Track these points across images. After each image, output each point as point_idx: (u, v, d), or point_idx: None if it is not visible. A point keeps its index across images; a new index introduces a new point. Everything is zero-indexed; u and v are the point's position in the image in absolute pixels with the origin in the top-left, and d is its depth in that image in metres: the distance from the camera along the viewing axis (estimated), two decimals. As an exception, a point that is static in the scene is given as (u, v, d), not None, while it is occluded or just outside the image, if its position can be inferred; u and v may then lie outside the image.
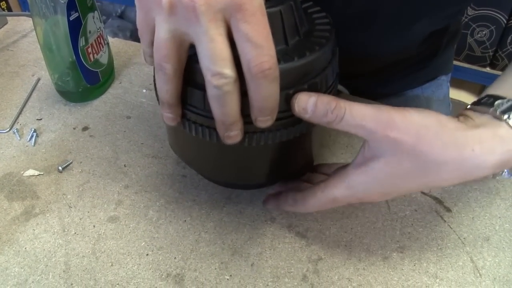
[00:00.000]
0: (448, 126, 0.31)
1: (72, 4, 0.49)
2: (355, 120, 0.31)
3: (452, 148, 0.30)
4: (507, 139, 0.31)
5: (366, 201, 0.35)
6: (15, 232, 0.42)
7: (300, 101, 0.31)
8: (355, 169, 0.33)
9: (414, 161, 0.30)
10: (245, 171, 0.38)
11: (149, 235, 0.42)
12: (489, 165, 0.30)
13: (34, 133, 0.52)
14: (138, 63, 0.62)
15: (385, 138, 0.30)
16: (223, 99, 0.28)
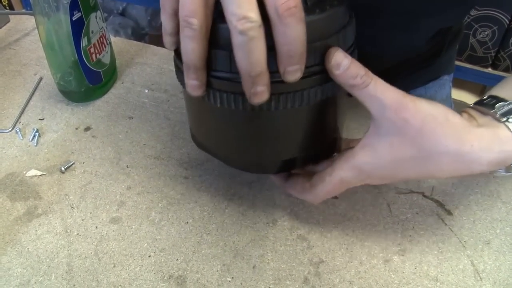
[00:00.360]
0: (453, 121, 0.32)
1: (75, 4, 0.49)
2: (376, 92, 0.32)
3: (453, 140, 0.32)
4: (504, 140, 0.33)
5: (369, 183, 0.36)
6: (17, 232, 0.43)
7: (337, 56, 0.31)
8: (360, 149, 0.34)
9: (416, 146, 0.32)
10: (273, 145, 0.36)
11: (151, 236, 0.42)
12: (485, 162, 0.32)
13: (37, 133, 0.52)
14: (141, 62, 0.62)
15: (395, 116, 0.32)
16: (249, 46, 0.27)
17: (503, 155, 0.33)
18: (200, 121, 0.39)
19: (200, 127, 0.40)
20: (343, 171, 0.35)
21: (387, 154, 0.33)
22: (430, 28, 0.55)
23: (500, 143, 0.32)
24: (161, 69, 0.61)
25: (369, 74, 0.32)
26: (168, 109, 0.55)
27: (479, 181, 0.46)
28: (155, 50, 0.64)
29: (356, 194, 0.45)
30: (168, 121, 0.53)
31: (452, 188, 0.45)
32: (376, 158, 0.33)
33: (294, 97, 0.32)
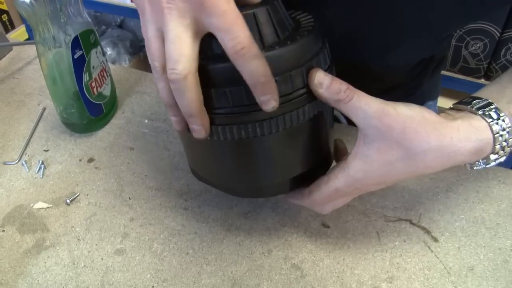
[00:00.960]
0: (429, 118, 0.36)
1: (76, 42, 0.51)
2: (360, 103, 0.35)
3: (433, 137, 0.35)
4: (480, 130, 0.36)
5: (364, 190, 0.39)
6: (27, 264, 0.45)
7: (318, 76, 0.34)
8: (352, 159, 0.37)
9: (402, 147, 0.35)
10: (267, 167, 0.38)
11: (154, 267, 0.44)
12: (465, 152, 0.36)
13: (42, 165, 0.54)
14: (140, 91, 0.64)
15: (379, 123, 0.35)
16: (178, 93, 0.32)
17: (480, 144, 0.36)
18: (198, 156, 0.41)
19: (197, 161, 0.42)
20: (338, 181, 0.38)
21: (377, 159, 0.36)
22: (410, 58, 0.57)
23: (476, 133, 0.36)
24: (160, 98, 0.63)
25: (351, 88, 0.36)
26: (168, 139, 0.57)
27: (464, 207, 0.48)
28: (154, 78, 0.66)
29: (347, 223, 0.47)
30: (167, 151, 0.55)
31: (438, 214, 0.48)
32: (367, 165, 0.36)
33: (277, 121, 0.34)
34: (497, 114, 0.36)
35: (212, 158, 0.39)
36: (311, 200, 0.40)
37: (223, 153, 0.38)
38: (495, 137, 0.36)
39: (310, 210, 0.48)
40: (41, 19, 0.48)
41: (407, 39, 0.52)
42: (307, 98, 0.35)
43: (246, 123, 0.34)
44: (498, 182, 0.51)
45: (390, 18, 0.48)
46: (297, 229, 0.47)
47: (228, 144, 0.36)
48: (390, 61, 0.55)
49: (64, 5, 0.49)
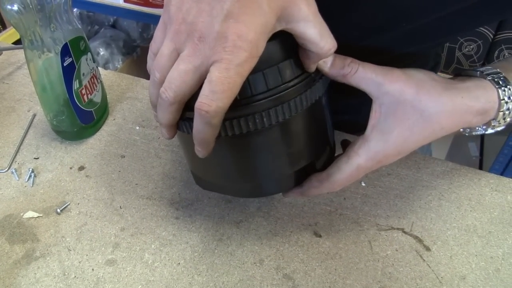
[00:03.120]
0: (439, 80, 0.37)
1: (65, 50, 0.50)
2: (367, 73, 0.36)
3: (445, 97, 0.36)
4: (489, 92, 0.37)
5: (384, 163, 0.38)
6: (17, 276, 0.45)
7: None
8: (371, 131, 0.38)
9: (417, 110, 0.35)
10: (271, 161, 0.38)
11: (145, 278, 0.44)
12: (474, 111, 0.37)
13: (32, 173, 0.54)
14: (131, 97, 0.64)
15: (391, 88, 0.36)
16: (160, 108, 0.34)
17: (487, 106, 0.37)
18: (200, 160, 0.40)
19: (200, 166, 0.42)
20: (359, 157, 0.38)
21: (395, 127, 0.36)
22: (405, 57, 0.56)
23: (485, 94, 0.37)
24: (152, 104, 0.62)
25: (355, 60, 0.36)
26: (159, 147, 0.57)
27: (457, 215, 0.48)
28: (145, 84, 0.66)
29: (339, 232, 0.47)
30: (159, 159, 0.55)
31: (430, 223, 0.48)
32: (386, 134, 0.37)
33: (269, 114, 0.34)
34: (504, 82, 0.37)
35: (214, 159, 0.39)
36: (331, 183, 0.40)
37: (225, 151, 0.38)
38: (501, 103, 0.37)
39: (302, 219, 0.48)
40: (29, 26, 0.48)
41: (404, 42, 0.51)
42: (301, 87, 0.35)
43: (246, 115, 0.34)
44: (490, 189, 0.51)
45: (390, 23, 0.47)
46: (289, 238, 0.47)
47: (227, 141, 0.36)
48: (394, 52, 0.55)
49: (53, 12, 0.49)
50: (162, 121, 0.35)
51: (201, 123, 0.32)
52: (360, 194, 0.51)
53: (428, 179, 0.52)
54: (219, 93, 0.30)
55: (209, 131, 0.32)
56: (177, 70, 0.31)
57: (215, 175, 0.41)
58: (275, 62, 0.33)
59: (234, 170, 0.39)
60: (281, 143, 0.37)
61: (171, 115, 0.34)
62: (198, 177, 0.43)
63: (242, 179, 0.40)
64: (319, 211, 0.49)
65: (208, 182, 0.42)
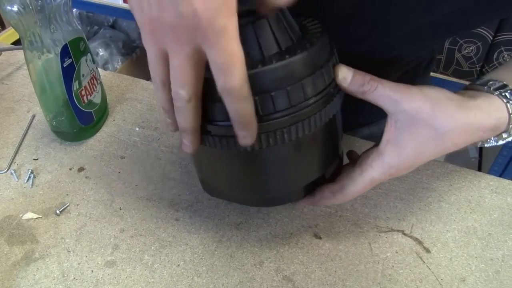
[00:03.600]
0: (453, 98, 0.38)
1: (65, 51, 0.50)
2: (386, 91, 0.37)
3: (459, 115, 0.37)
4: (499, 108, 0.38)
5: (396, 175, 0.39)
6: (16, 277, 0.44)
7: (342, 71, 0.37)
8: (385, 146, 0.38)
9: (431, 128, 0.36)
10: (283, 176, 0.39)
11: (145, 279, 0.44)
12: (485, 128, 0.38)
13: (32, 174, 0.54)
14: (131, 98, 0.64)
15: (408, 107, 0.36)
16: (178, 111, 0.33)
17: (498, 122, 0.38)
18: (212, 171, 0.41)
19: (211, 176, 0.42)
20: (374, 170, 0.39)
21: (410, 142, 0.37)
22: (404, 54, 0.56)
23: (496, 111, 0.38)
24: (151, 105, 0.62)
25: (374, 77, 0.37)
26: (159, 148, 0.56)
27: (456, 217, 0.48)
28: (145, 85, 0.66)
29: (339, 234, 0.47)
30: (159, 161, 0.55)
31: (430, 225, 0.48)
32: (401, 149, 0.37)
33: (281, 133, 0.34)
34: (511, 95, 0.39)
35: (229, 171, 0.39)
36: (344, 195, 0.41)
37: (241, 165, 0.38)
38: (510, 117, 0.38)
39: (302, 221, 0.48)
40: (29, 27, 0.48)
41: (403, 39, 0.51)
42: (321, 103, 0.35)
43: (259, 134, 0.34)
44: (490, 191, 0.51)
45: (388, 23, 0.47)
46: (289, 240, 0.47)
47: (245, 155, 0.36)
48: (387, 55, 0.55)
49: (53, 13, 0.48)
50: (185, 125, 0.34)
51: (234, 101, 0.31)
52: (360, 196, 0.50)
53: (428, 181, 0.52)
54: (230, 66, 0.29)
55: (246, 106, 0.31)
56: (174, 67, 0.31)
57: (226, 186, 0.42)
58: (297, 79, 0.33)
59: (247, 183, 0.40)
60: (296, 158, 0.37)
61: (192, 115, 0.33)
62: (206, 184, 0.44)
63: (254, 191, 0.41)
64: (319, 213, 0.49)
65: (217, 190, 0.43)
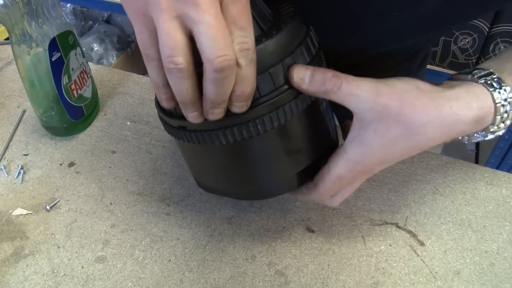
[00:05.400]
0: (425, 89, 0.34)
1: (53, 44, 0.49)
2: (351, 89, 0.34)
3: (431, 108, 0.33)
4: (481, 97, 0.34)
5: (368, 173, 0.37)
6: (5, 274, 0.44)
7: (298, 72, 0.33)
8: (350, 143, 0.36)
9: (401, 124, 0.34)
10: (270, 166, 0.38)
11: (136, 275, 0.44)
12: (467, 120, 0.34)
13: (22, 170, 0.53)
14: (122, 92, 0.63)
15: (374, 104, 0.33)
16: (176, 81, 0.30)
17: (481, 112, 0.34)
18: (201, 166, 0.40)
19: (201, 172, 0.41)
20: (338, 168, 0.37)
21: (375, 141, 0.35)
22: (399, 49, 0.56)
23: (477, 100, 0.34)
24: (143, 99, 0.62)
25: (337, 74, 0.34)
26: (150, 142, 0.56)
27: (451, 209, 0.48)
28: (136, 79, 0.65)
29: (332, 227, 0.47)
30: (150, 155, 0.54)
31: (425, 217, 0.47)
32: (365, 147, 0.35)
33: (266, 119, 0.33)
34: (498, 83, 0.35)
35: (216, 165, 0.38)
36: (318, 193, 0.39)
37: (224, 159, 0.37)
38: (497, 107, 0.34)
39: (294, 214, 0.48)
40: (16, 20, 0.47)
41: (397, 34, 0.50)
42: (295, 90, 0.34)
43: (240, 124, 0.33)
44: (485, 183, 0.50)
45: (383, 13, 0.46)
46: (281, 234, 0.46)
47: (225, 148, 0.35)
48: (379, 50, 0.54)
49: (40, 6, 0.48)
50: (185, 94, 0.30)
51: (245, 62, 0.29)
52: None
53: (422, 173, 0.51)
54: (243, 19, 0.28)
55: (253, 70, 0.30)
56: (163, 33, 0.28)
57: (217, 181, 0.41)
58: (265, 67, 0.32)
59: (235, 176, 0.39)
60: (279, 147, 0.36)
61: (190, 82, 0.30)
62: (198, 180, 0.43)
63: (243, 184, 0.39)
64: (312, 206, 0.48)
65: (208, 186, 0.42)
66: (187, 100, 0.31)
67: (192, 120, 0.32)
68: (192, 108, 0.32)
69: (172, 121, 0.36)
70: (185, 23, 0.28)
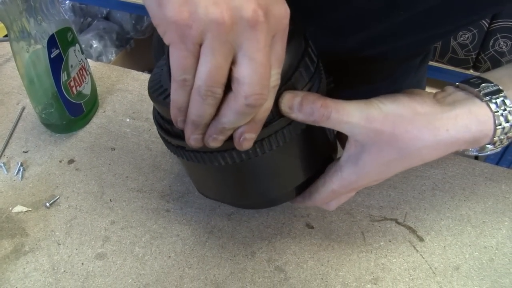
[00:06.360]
0: (422, 111, 0.33)
1: (52, 41, 0.49)
2: (341, 117, 0.33)
3: (427, 132, 0.33)
4: (482, 120, 0.33)
5: (360, 188, 0.38)
6: (5, 271, 0.44)
7: (285, 100, 0.32)
8: (345, 162, 0.36)
9: (394, 148, 0.33)
10: (270, 183, 0.38)
11: (136, 271, 0.44)
12: (462, 142, 0.33)
13: (21, 167, 0.53)
14: (122, 89, 0.63)
15: (366, 130, 0.33)
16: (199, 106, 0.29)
17: (479, 135, 0.33)
18: (202, 181, 0.41)
19: (203, 185, 0.42)
20: (333, 183, 0.37)
21: (369, 162, 0.35)
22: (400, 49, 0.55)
23: (478, 123, 0.33)
24: (142, 96, 0.61)
25: (327, 103, 0.33)
26: (150, 139, 0.56)
27: (450, 205, 0.48)
28: (135, 76, 0.65)
29: (331, 223, 0.47)
30: (149, 151, 0.54)
31: (424, 213, 0.47)
32: (359, 168, 0.35)
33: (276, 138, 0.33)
34: (503, 103, 0.33)
35: (215, 181, 0.39)
36: (313, 201, 0.40)
37: (225, 176, 0.38)
38: (496, 129, 0.33)
39: (294, 211, 0.48)
40: (15, 17, 0.47)
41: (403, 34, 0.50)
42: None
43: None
44: (484, 179, 0.50)
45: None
46: (281, 230, 0.46)
47: (223, 168, 0.35)
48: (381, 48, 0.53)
49: (38, 3, 0.48)
50: (204, 117, 0.30)
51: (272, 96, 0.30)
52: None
53: (422, 169, 0.51)
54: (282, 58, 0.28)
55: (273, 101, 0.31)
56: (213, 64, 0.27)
57: (216, 193, 0.42)
58: None
59: (233, 191, 0.40)
60: (277, 166, 0.37)
61: (214, 109, 0.30)
62: (201, 191, 0.44)
63: (241, 198, 0.41)
64: (311, 203, 0.49)
65: (209, 197, 0.43)
66: (202, 123, 0.31)
67: (193, 144, 0.32)
68: (200, 131, 0.31)
69: (172, 140, 0.36)
70: (234, 53, 0.28)
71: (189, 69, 0.28)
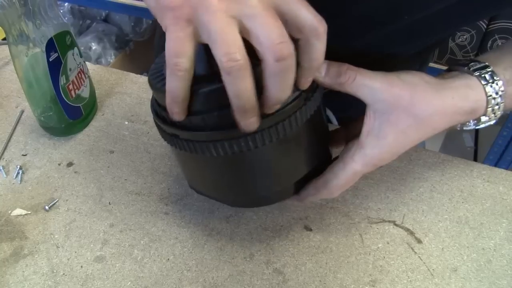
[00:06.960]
0: (431, 82, 0.37)
1: (51, 45, 0.49)
2: (365, 80, 0.36)
3: (437, 99, 0.36)
4: (476, 90, 0.37)
5: (380, 165, 0.39)
6: (5, 274, 0.44)
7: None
8: (366, 137, 0.37)
9: (410, 115, 0.36)
10: (268, 177, 0.37)
11: (135, 274, 0.44)
12: (462, 112, 0.37)
13: (20, 170, 0.53)
14: (120, 92, 0.63)
15: (387, 95, 0.36)
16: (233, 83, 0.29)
17: (475, 105, 0.37)
18: (196, 173, 0.40)
19: (196, 179, 0.41)
20: (355, 163, 0.38)
21: (390, 131, 0.36)
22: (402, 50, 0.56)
23: (473, 93, 0.37)
24: (141, 98, 0.62)
25: (351, 67, 0.36)
26: (148, 142, 0.56)
27: (448, 207, 0.48)
28: (134, 78, 0.65)
29: (329, 225, 0.47)
30: (148, 154, 0.54)
31: (422, 215, 0.47)
32: (381, 139, 0.36)
33: (277, 129, 0.33)
34: (491, 77, 0.37)
35: (209, 174, 0.38)
36: (329, 190, 0.39)
37: (220, 169, 0.37)
38: (488, 99, 0.37)
39: (292, 213, 0.48)
40: (13, 21, 0.47)
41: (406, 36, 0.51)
42: (297, 104, 0.33)
43: (238, 138, 0.33)
44: (482, 180, 0.50)
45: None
46: (279, 232, 0.46)
47: (217, 160, 0.35)
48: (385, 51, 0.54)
49: (37, 7, 0.48)
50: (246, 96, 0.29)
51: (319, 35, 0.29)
52: (350, 187, 0.50)
53: (419, 171, 0.52)
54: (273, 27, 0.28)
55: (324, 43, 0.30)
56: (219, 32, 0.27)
57: (207, 189, 0.41)
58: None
59: (226, 186, 0.39)
60: (278, 159, 0.36)
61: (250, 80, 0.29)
62: (193, 186, 0.43)
63: (234, 194, 0.40)
64: (309, 205, 0.49)
65: (201, 192, 0.42)
66: (248, 105, 0.29)
67: (249, 128, 0.31)
68: (252, 113, 0.30)
69: (166, 128, 0.36)
70: (239, 21, 0.28)
71: (180, 52, 0.29)
